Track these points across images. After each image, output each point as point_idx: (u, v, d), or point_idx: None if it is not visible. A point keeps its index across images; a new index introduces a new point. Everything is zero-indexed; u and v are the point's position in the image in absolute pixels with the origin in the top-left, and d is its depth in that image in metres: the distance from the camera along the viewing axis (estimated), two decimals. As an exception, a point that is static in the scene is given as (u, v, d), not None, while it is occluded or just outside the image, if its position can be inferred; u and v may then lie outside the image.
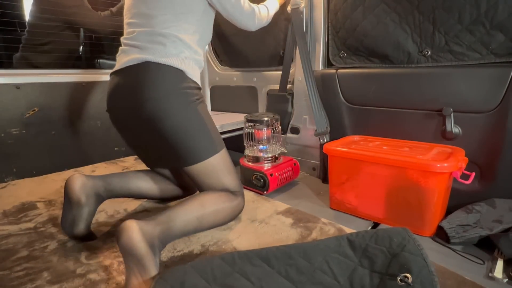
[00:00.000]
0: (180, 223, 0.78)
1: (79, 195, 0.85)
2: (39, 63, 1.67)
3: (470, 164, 0.97)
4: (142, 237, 0.67)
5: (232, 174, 0.96)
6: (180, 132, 0.87)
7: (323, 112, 1.30)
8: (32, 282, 0.72)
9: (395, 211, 0.95)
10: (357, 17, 1.17)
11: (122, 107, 0.90)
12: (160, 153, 0.94)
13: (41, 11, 1.63)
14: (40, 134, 1.48)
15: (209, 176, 0.92)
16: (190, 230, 0.82)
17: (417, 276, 0.58)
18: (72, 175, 0.88)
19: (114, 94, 0.92)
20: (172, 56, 0.88)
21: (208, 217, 0.85)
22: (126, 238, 0.66)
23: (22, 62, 1.68)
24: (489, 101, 0.93)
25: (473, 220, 0.86)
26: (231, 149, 1.93)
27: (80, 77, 1.60)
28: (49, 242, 0.89)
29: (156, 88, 0.85)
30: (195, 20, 0.94)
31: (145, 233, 0.68)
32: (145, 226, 0.69)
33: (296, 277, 0.65)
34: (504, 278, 0.71)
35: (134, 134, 0.95)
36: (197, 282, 0.62)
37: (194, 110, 0.89)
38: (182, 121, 0.87)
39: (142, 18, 0.92)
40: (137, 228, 0.67)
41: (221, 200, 0.89)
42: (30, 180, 1.40)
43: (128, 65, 0.89)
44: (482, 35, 0.94)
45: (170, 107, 0.85)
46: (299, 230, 0.93)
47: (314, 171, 1.46)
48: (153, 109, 0.84)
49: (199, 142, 0.89)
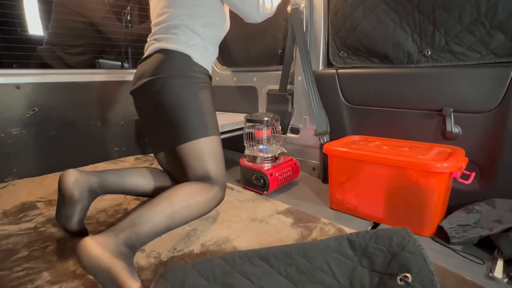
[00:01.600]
0: (147, 225, 0.75)
1: (72, 191, 0.84)
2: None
3: (470, 164, 0.97)
4: (103, 250, 0.65)
5: (217, 161, 0.96)
6: (177, 109, 0.94)
7: (323, 112, 1.30)
8: (32, 282, 0.72)
9: (395, 211, 0.95)
10: (357, 17, 1.17)
11: (139, 89, 1.00)
12: (157, 130, 1.01)
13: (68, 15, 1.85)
14: (40, 134, 1.48)
15: (194, 157, 0.94)
16: (162, 229, 0.78)
17: (417, 275, 0.58)
18: (66, 170, 0.87)
19: (136, 79, 1.03)
20: (182, 44, 0.98)
21: (180, 214, 0.82)
22: (86, 257, 0.64)
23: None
24: (489, 101, 0.93)
25: (473, 220, 0.86)
26: (231, 149, 1.94)
27: (80, 77, 1.60)
28: (49, 242, 0.89)
29: (164, 69, 0.95)
30: (205, 12, 1.02)
31: (105, 245, 0.66)
32: (103, 239, 0.67)
33: (296, 276, 0.65)
34: (504, 278, 0.71)
35: (144, 112, 1.05)
36: (197, 282, 0.62)
37: (194, 92, 0.96)
38: (180, 99, 0.94)
39: (161, 16, 1.03)
40: (94, 243, 0.65)
41: (193, 195, 0.86)
42: (30, 180, 1.40)
43: (148, 54, 1.02)
44: (482, 35, 0.94)
45: (173, 85, 0.94)
46: (299, 230, 0.93)
47: (314, 171, 1.46)
48: (158, 85, 0.94)
49: (191, 121, 0.94)
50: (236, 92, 1.82)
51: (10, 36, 1.73)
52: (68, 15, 1.83)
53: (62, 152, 1.56)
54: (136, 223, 0.74)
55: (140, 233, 0.73)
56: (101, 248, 0.65)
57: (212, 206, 0.91)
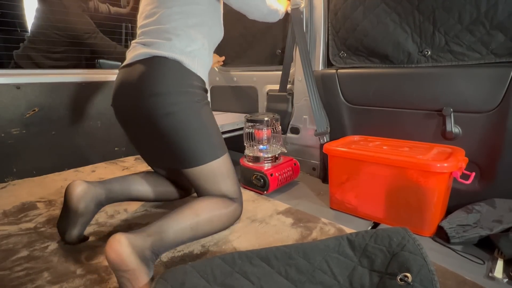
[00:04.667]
0: (173, 233, 0.75)
1: (77, 204, 0.83)
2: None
3: (470, 164, 0.97)
4: (132, 251, 0.64)
5: (231, 180, 0.93)
6: (180, 132, 0.85)
7: (323, 112, 1.30)
8: (32, 282, 0.72)
9: (395, 211, 0.95)
10: (357, 17, 1.17)
11: (126, 102, 0.89)
12: (159, 152, 0.93)
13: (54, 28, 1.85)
14: (40, 134, 1.48)
15: (207, 181, 0.90)
16: (184, 239, 0.79)
17: (416, 275, 0.58)
18: (74, 181, 0.85)
19: (119, 89, 0.90)
20: (177, 50, 0.86)
21: (203, 226, 0.82)
22: (115, 253, 0.63)
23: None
24: (489, 101, 0.93)
25: (473, 220, 0.86)
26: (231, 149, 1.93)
27: (80, 77, 1.60)
28: (49, 242, 0.89)
29: (158, 84, 0.82)
30: (201, 11, 0.91)
31: (135, 246, 0.65)
32: (135, 239, 0.66)
33: (296, 276, 0.65)
34: (504, 278, 0.71)
35: (136, 130, 0.93)
36: (197, 282, 0.62)
37: (196, 111, 0.87)
38: (182, 121, 0.84)
39: (151, 17, 0.91)
40: (126, 242, 0.64)
41: (216, 207, 0.86)
42: (30, 180, 1.40)
43: (134, 60, 0.88)
44: (482, 35, 0.94)
45: (171, 105, 0.83)
46: (299, 230, 0.93)
47: (314, 171, 1.46)
48: (154, 106, 0.82)
49: (199, 145, 0.87)
50: (236, 92, 1.82)
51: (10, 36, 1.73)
52: (49, 28, 1.83)
53: (62, 152, 1.56)
54: (163, 230, 0.74)
55: (165, 240, 0.73)
56: (131, 248, 0.64)
57: (231, 222, 0.92)
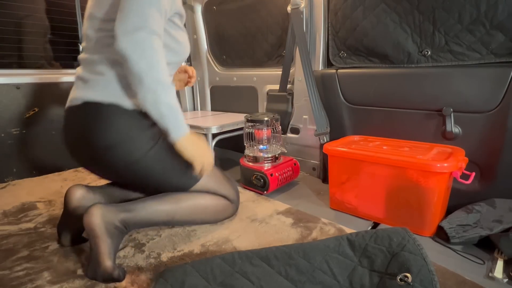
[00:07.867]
0: (146, 214, 0.82)
1: (76, 208, 0.83)
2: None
3: (470, 164, 0.97)
4: (101, 222, 0.73)
5: (224, 185, 0.95)
6: (151, 177, 0.82)
7: (323, 112, 1.30)
8: (33, 282, 0.72)
9: (395, 211, 0.95)
10: (357, 17, 1.17)
11: (81, 154, 0.82)
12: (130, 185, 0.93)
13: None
14: (40, 134, 1.48)
15: (203, 192, 0.92)
16: (158, 222, 0.85)
17: (416, 275, 0.58)
18: (74, 185, 0.86)
19: (68, 137, 0.82)
20: (113, 88, 0.74)
21: (182, 213, 0.87)
22: (87, 221, 0.73)
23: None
24: (489, 101, 0.93)
25: (473, 220, 0.86)
26: (231, 149, 1.94)
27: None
28: (49, 242, 0.89)
29: (107, 137, 0.74)
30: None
31: (105, 217, 0.74)
32: (107, 212, 0.76)
33: (296, 276, 0.65)
34: (504, 278, 0.71)
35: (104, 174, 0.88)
36: (197, 282, 0.62)
37: (156, 154, 0.80)
38: (148, 167, 0.80)
39: (86, 40, 0.80)
40: (98, 213, 0.74)
41: (203, 199, 0.89)
42: (30, 180, 1.40)
43: (71, 106, 0.79)
44: (482, 35, 0.94)
45: (130, 154, 0.76)
46: (299, 230, 0.93)
47: (314, 171, 1.46)
48: (113, 158, 0.76)
49: (175, 181, 0.86)
50: (236, 92, 1.82)
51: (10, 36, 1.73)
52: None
53: (62, 152, 1.55)
54: (137, 209, 0.81)
55: (137, 218, 0.81)
56: (101, 218, 0.74)
57: (220, 216, 0.95)
